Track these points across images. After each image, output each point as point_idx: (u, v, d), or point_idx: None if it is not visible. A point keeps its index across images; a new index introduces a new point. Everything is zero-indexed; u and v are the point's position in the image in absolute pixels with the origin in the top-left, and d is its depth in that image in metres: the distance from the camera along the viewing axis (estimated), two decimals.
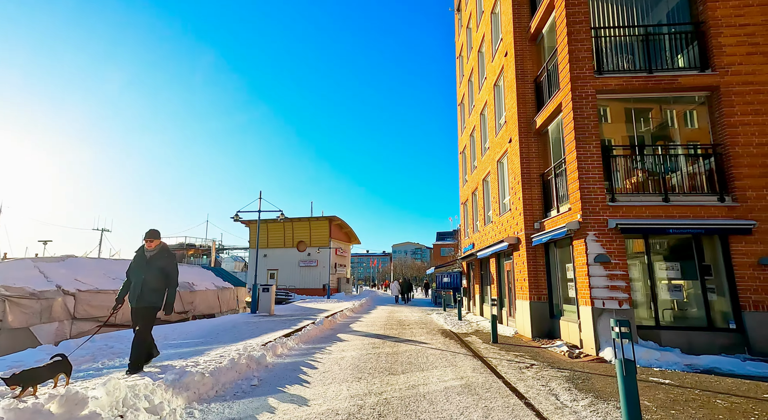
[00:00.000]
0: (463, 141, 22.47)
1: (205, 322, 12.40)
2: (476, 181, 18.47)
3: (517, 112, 12.02)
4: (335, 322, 14.65)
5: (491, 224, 15.68)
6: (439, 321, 16.22)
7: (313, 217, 42.82)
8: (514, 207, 12.45)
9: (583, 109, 9.01)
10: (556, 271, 10.71)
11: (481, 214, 17.58)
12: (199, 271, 23.86)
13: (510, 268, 13.37)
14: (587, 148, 8.84)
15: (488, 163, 15.96)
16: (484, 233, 17.06)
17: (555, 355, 8.60)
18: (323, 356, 8.17)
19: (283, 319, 14.23)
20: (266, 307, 16.13)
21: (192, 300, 19.30)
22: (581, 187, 8.75)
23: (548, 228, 10.58)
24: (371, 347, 9.47)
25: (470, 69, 20.22)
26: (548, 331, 10.69)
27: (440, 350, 9.25)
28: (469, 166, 20.77)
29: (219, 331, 10.51)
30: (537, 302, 10.98)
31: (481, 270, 18.26)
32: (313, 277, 41.77)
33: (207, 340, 8.72)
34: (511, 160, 12.67)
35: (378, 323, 15.23)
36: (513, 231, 12.47)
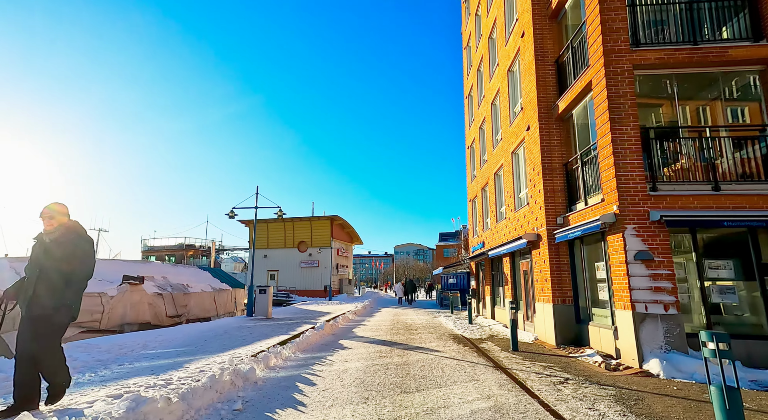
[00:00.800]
0: (471, 135, 21.39)
1: (195, 327, 11.35)
2: (486, 176, 17.39)
3: (536, 96, 10.95)
4: (337, 327, 13.58)
5: (504, 221, 14.60)
6: (448, 325, 15.14)
7: (314, 217, 41.80)
8: (533, 201, 11.36)
9: (619, 87, 7.92)
10: (583, 270, 9.62)
11: (492, 211, 16.49)
12: (194, 272, 22.83)
13: (527, 267, 12.27)
14: (624, 129, 7.75)
15: (501, 155, 14.88)
16: (495, 231, 15.97)
17: (588, 366, 7.50)
18: (323, 368, 7.10)
19: (280, 323, 13.18)
20: (263, 310, 15.08)
21: (186, 303, 18.27)
22: (618, 174, 7.66)
23: (574, 223, 9.49)
24: (378, 357, 8.39)
25: (479, 58, 19.15)
26: (574, 338, 9.58)
27: (456, 360, 8.16)
28: (478, 160, 19.69)
29: (208, 337, 9.46)
30: (561, 305, 9.88)
31: (492, 270, 17.16)
32: (314, 278, 40.72)
33: (191, 350, 7.66)
34: (530, 149, 11.59)
35: (383, 327, 14.15)
36: (532, 227, 11.38)
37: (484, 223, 18.60)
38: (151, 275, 17.69)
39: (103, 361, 6.16)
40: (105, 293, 13.52)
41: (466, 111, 23.34)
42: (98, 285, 13.79)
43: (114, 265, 16.10)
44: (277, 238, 43.37)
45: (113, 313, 13.60)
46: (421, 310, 23.98)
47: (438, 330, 13.56)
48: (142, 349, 7.60)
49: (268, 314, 15.11)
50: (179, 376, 5.35)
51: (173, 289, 17.66)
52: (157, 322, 15.73)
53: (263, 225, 43.65)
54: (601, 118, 8.20)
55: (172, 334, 9.82)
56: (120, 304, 13.90)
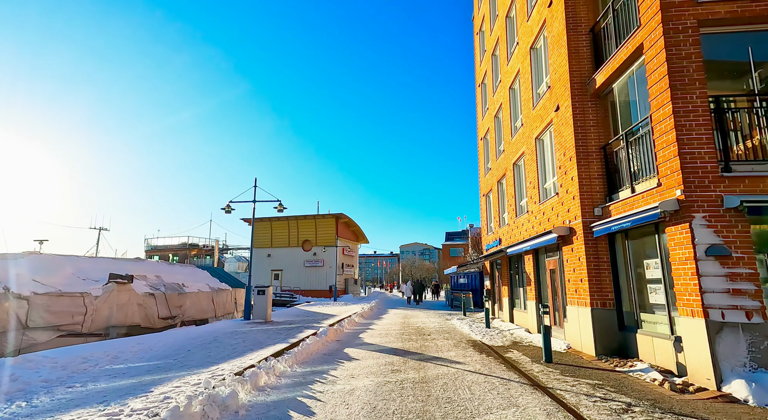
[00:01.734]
0: (485, 125, 20.02)
1: (182, 333, 10.13)
2: (504, 167, 16.04)
3: (568, 71, 9.59)
4: (342, 332, 12.32)
5: (526, 215, 13.24)
6: (464, 329, 13.82)
7: (318, 215, 40.61)
8: (563, 190, 10.01)
9: (681, 47, 6.56)
10: (628, 269, 8.26)
11: (511, 205, 15.13)
12: (192, 271, 21.68)
13: (555, 265, 10.92)
14: (688, 98, 6.39)
15: (522, 142, 13.52)
16: (515, 226, 14.62)
17: (647, 385, 6.15)
18: (325, 389, 5.83)
19: (279, 327, 11.94)
20: (262, 313, 13.86)
21: (181, 303, 17.09)
22: (681, 152, 6.30)
23: (616, 213, 8.14)
24: (390, 371, 7.10)
25: (494, 41, 17.79)
26: (617, 348, 8.23)
27: (483, 375, 6.85)
28: (493, 151, 18.32)
29: (193, 346, 8.23)
30: (600, 310, 8.52)
31: (510, 269, 15.80)
32: (319, 277, 39.53)
33: (167, 364, 6.43)
34: (559, 132, 10.23)
35: (393, 332, 12.87)
36: (562, 220, 10.03)
37: (500, 219, 17.24)
38: (142, 274, 16.55)
39: (50, 383, 4.95)
40: (88, 293, 12.36)
41: (479, 100, 21.97)
42: (81, 284, 12.64)
43: (100, 262, 14.96)
44: (281, 237, 42.25)
45: (97, 315, 12.44)
46: (431, 312, 22.66)
47: (453, 335, 12.25)
48: (109, 362, 6.38)
49: (267, 317, 13.88)
50: (134, 407, 4.10)
51: (167, 289, 16.51)
52: (148, 324, 14.57)
53: (266, 223, 42.56)
54: (657, 87, 6.84)
55: (154, 341, 8.61)
56: (105, 305, 12.73)
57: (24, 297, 10.88)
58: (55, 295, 11.54)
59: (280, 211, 14.93)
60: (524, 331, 12.87)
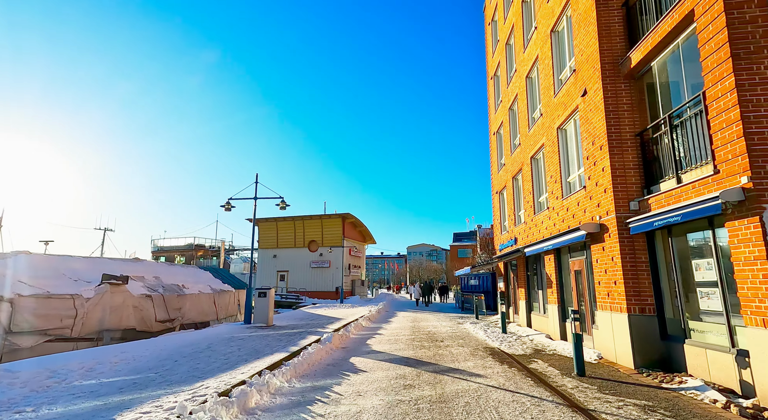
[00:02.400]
0: (498, 119, 19.06)
1: (173, 340, 9.32)
2: (520, 162, 15.07)
3: (598, 50, 8.63)
4: (348, 338, 11.45)
5: (546, 212, 12.27)
6: (478, 334, 12.88)
7: (325, 215, 39.84)
8: (591, 183, 9.04)
9: (744, 10, 5.60)
10: (671, 270, 7.28)
11: (528, 202, 14.16)
12: (193, 272, 20.97)
13: (581, 266, 9.95)
14: (755, 69, 5.43)
15: (541, 134, 12.56)
16: (532, 224, 13.64)
17: (706, 408, 5.19)
18: (327, 411, 4.95)
19: (281, 333, 11.10)
20: (263, 317, 13.04)
21: (180, 306, 16.35)
22: (747, 132, 5.34)
23: (659, 207, 7.17)
24: (402, 387, 6.21)
25: (509, 29, 16.84)
26: (660, 360, 7.25)
27: (510, 393, 5.93)
28: (507, 146, 17.36)
29: (182, 356, 7.41)
30: (639, 316, 7.54)
31: (527, 270, 14.82)
32: (325, 279, 38.74)
33: (146, 379, 5.61)
34: (587, 119, 9.27)
35: (403, 337, 11.97)
36: (590, 215, 9.06)
37: (516, 217, 16.26)
38: (140, 275, 15.85)
39: None
40: (79, 295, 11.64)
41: (491, 94, 21.01)
42: (71, 285, 11.93)
43: (95, 263, 14.27)
44: (287, 238, 41.56)
45: (89, 318, 11.72)
46: (441, 315, 21.71)
47: (468, 341, 11.32)
48: (80, 376, 5.57)
49: (269, 321, 13.06)
50: None
51: (165, 291, 15.78)
52: (144, 327, 13.84)
53: (272, 224, 41.91)
54: (713, 58, 5.87)
55: (141, 349, 7.80)
56: (98, 307, 12.01)
57: (7, 299, 10.20)
58: (43, 297, 10.83)
59: (283, 208, 14.13)
60: (545, 337, 11.90)
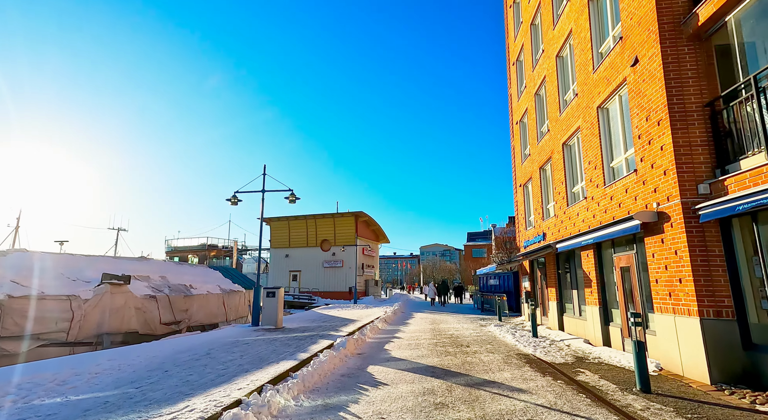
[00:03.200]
0: (522, 106, 17.79)
1: (170, 345, 8.38)
2: (549, 150, 13.82)
3: (655, 8, 7.39)
4: (364, 342, 10.40)
5: (583, 203, 11.01)
6: (506, 338, 11.70)
7: (337, 214, 38.95)
8: (645, 165, 7.80)
9: None
10: (753, 265, 6.02)
11: (560, 193, 12.90)
12: (202, 272, 20.23)
13: (630, 262, 8.69)
14: None
15: (576, 116, 11.31)
16: (565, 218, 12.38)
17: None
18: None
19: (290, 336, 10.11)
20: (272, 318, 12.08)
21: (187, 307, 15.53)
22: None
23: (741, 189, 5.92)
24: (433, 406, 5.11)
25: (534, 7, 15.58)
26: (744, 374, 5.99)
27: (568, 415, 4.79)
28: (532, 134, 16.09)
29: (175, 365, 6.44)
30: (714, 320, 6.29)
31: (558, 268, 13.56)
32: (338, 279, 37.84)
33: (122, 396, 4.63)
34: (639, 91, 8.03)
35: (424, 342, 10.86)
36: (644, 203, 7.82)
37: (543, 211, 14.99)
38: (145, 274, 15.09)
39: None
40: (76, 296, 10.86)
41: (513, 80, 19.74)
42: (69, 285, 11.15)
43: (98, 262, 13.53)
44: (299, 237, 40.79)
45: (87, 320, 10.93)
46: (460, 316, 20.50)
47: (498, 347, 10.15)
48: (46, 392, 4.63)
49: (278, 323, 12.09)
50: None
51: (171, 291, 14.99)
52: (147, 330, 13.04)
53: (284, 223, 41.23)
54: None
55: (130, 356, 6.87)
56: (96, 309, 11.22)
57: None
58: (36, 299, 10.05)
59: (293, 201, 13.16)
60: (583, 342, 10.66)
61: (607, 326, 9.89)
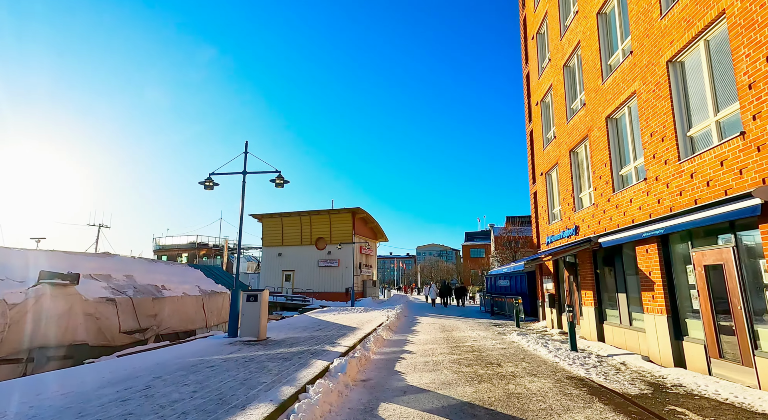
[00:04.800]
0: (545, 83, 15.65)
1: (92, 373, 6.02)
2: (585, 127, 11.68)
3: None
4: (368, 360, 8.16)
5: (642, 184, 8.86)
6: (539, 352, 9.55)
7: (333, 210, 36.69)
8: (757, 127, 5.64)
9: None
10: None
11: (602, 176, 10.76)
12: (180, 270, 17.80)
13: (723, 258, 6.53)
14: None
15: (631, 78, 9.16)
16: (610, 205, 10.23)
17: None
18: None
19: (273, 354, 7.83)
20: (253, 328, 9.79)
21: (156, 311, 13.16)
22: None
23: None
24: None
25: None
26: None
27: None
28: (560, 113, 13.95)
29: (80, 415, 4.17)
30: None
31: (596, 267, 11.42)
32: (334, 279, 35.55)
33: None
34: (749, 25, 5.87)
35: (442, 357, 8.63)
36: (763, 176, 5.66)
37: (575, 200, 12.83)
38: (105, 273, 12.74)
39: None
40: (1, 299, 8.53)
41: (532, 56, 17.62)
42: None
43: (38, 257, 11.15)
44: (293, 234, 38.46)
45: (13, 331, 8.58)
46: (470, 321, 18.32)
47: (538, 366, 7.96)
48: None
49: (260, 333, 9.80)
50: None
51: (137, 293, 12.64)
52: (102, 341, 10.69)
53: (277, 220, 38.87)
54: None
55: (12, 395, 4.57)
56: (27, 316, 8.87)
57: None
58: None
59: (280, 185, 10.86)
60: (641, 359, 8.53)
61: (679, 341, 7.74)
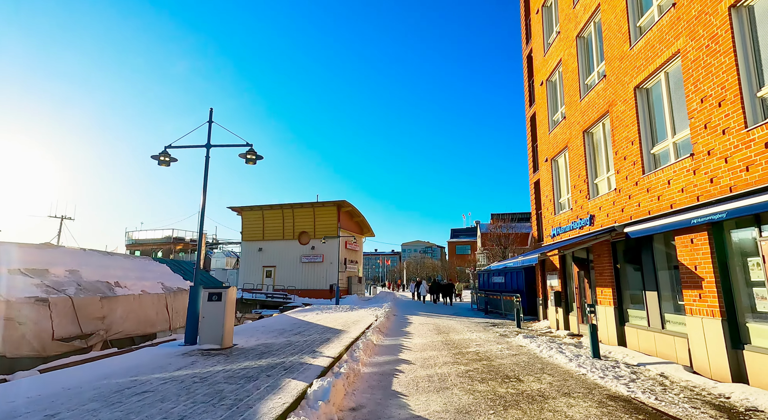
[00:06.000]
0: (553, 58, 14.21)
1: None
2: (606, 102, 10.25)
3: None
4: (358, 375, 6.50)
5: (687, 161, 7.43)
6: (558, 359, 8.10)
7: (317, 203, 34.80)
8: None
9: None
10: None
11: (628, 156, 9.34)
12: (141, 265, 15.64)
13: None
14: None
15: (673, 37, 7.71)
16: (639, 190, 8.82)
17: None
18: None
19: (234, 370, 6.09)
20: (215, 333, 7.99)
21: (105, 313, 11.14)
22: None
23: None
24: None
25: None
26: None
27: None
28: (572, 90, 12.52)
29: None
30: None
31: (615, 262, 10.04)
32: (317, 275, 33.73)
33: None
34: None
35: (447, 369, 7.04)
36: None
37: (590, 187, 11.42)
38: (41, 268, 10.71)
39: None
40: None
41: (537, 32, 16.17)
42: None
43: None
44: (274, 228, 36.43)
45: None
46: (464, 320, 16.89)
47: (565, 380, 6.45)
48: None
49: (224, 340, 8.01)
50: None
51: (81, 291, 10.67)
52: (27, 351, 8.70)
53: (258, 212, 36.77)
54: None
55: None
56: None
57: None
58: None
59: (252, 161, 9.04)
60: (683, 369, 7.16)
61: (738, 350, 6.34)
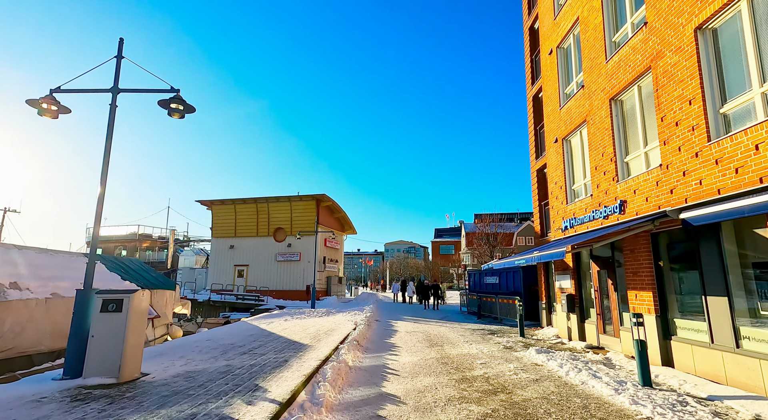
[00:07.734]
0: (567, 19, 12.09)
1: None
2: (644, 58, 8.12)
3: None
4: None
5: None
6: (594, 387, 5.92)
7: (294, 197, 32.13)
8: None
9: None
10: None
11: (684, 121, 7.21)
12: (62, 262, 12.10)
13: None
14: None
15: None
16: (700, 163, 6.69)
17: None
18: None
19: None
20: (109, 360, 5.38)
21: None
22: None
23: None
24: None
25: None
26: None
27: None
28: (594, 53, 10.40)
29: None
30: None
31: (658, 258, 7.91)
32: (294, 275, 31.04)
33: None
34: None
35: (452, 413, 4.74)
36: None
37: (619, 166, 9.29)
38: None
39: None
40: None
41: None
42: None
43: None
44: (247, 224, 33.55)
45: None
46: (457, 326, 14.64)
47: None
48: None
49: (123, 371, 5.39)
50: None
51: None
52: None
53: (229, 207, 33.81)
54: None
55: None
56: None
57: None
58: None
59: (178, 114, 6.43)
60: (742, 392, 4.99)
61: None
